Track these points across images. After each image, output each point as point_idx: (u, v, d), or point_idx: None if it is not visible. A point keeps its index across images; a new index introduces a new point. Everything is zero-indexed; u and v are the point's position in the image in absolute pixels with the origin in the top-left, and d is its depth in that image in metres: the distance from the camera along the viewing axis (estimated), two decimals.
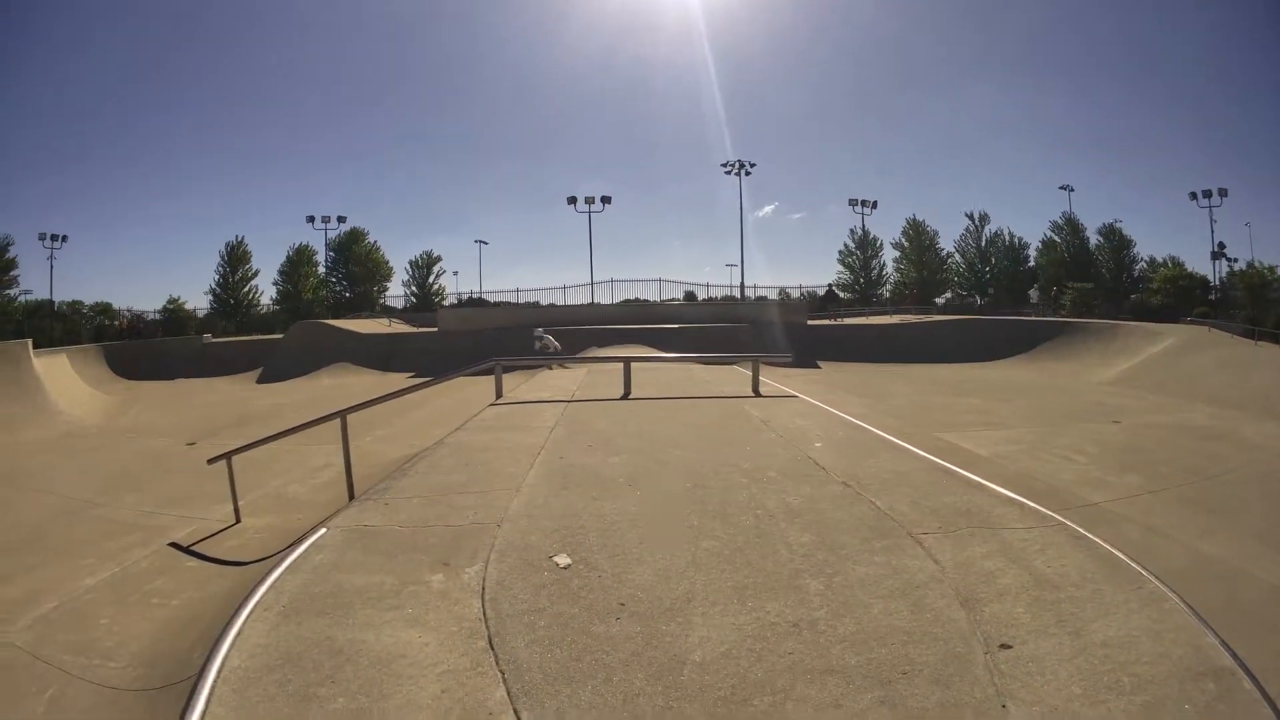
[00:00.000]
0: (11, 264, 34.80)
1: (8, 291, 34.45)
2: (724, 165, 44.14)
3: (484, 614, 2.38)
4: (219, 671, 2.18)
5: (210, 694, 2.07)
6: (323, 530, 3.27)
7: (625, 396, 8.09)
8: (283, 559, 2.92)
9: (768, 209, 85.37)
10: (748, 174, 43.74)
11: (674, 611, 2.36)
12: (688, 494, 3.81)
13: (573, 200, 43.70)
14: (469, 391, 12.45)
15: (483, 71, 79.02)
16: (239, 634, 2.36)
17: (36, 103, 59.37)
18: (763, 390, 8.57)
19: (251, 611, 2.50)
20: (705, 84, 75.30)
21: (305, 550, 3.01)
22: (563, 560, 2.84)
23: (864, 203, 46.46)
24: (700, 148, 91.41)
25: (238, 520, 6.92)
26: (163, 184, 68.98)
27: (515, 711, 1.84)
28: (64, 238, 37.38)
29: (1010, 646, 2.17)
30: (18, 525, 7.62)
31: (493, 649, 2.16)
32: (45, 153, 64.05)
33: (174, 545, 6.55)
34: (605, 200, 43.63)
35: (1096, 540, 2.99)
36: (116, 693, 3.88)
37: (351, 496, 6.82)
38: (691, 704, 1.86)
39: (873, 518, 3.22)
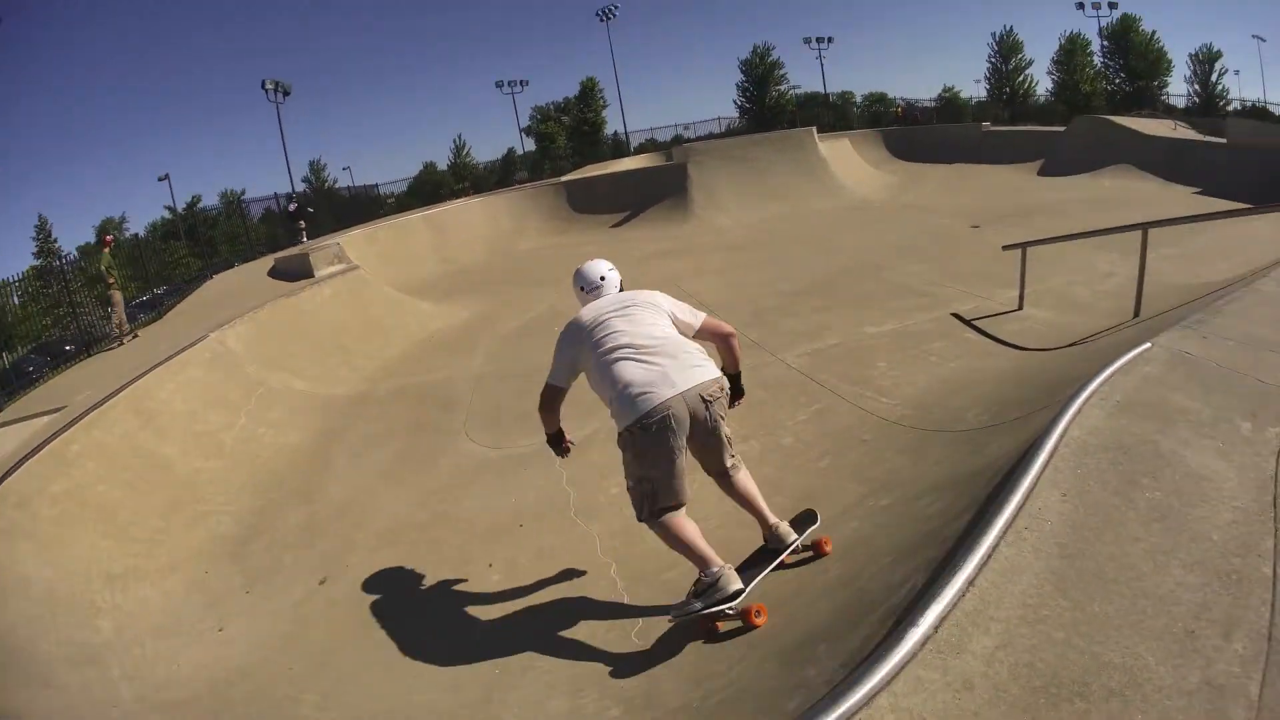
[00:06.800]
0: (778, 64, 41.08)
1: (778, 88, 41.33)
2: None
3: (1276, 474, 2.37)
4: (1060, 437, 2.57)
5: (1053, 451, 2.49)
6: (1147, 345, 3.36)
7: None
8: (1111, 361, 3.17)
9: None
10: None
11: None
12: None
13: None
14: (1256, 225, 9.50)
15: None
16: (1078, 413, 2.72)
17: None
18: None
19: (1089, 398, 2.82)
20: None
21: (1132, 359, 3.20)
22: None
23: None
24: None
25: (1020, 307, 7.22)
26: None
27: (1275, 565, 1.93)
28: (829, 39, 41.46)
29: None
30: (816, 279, 9.77)
31: (1275, 506, 2.23)
32: None
33: (955, 315, 7.17)
34: None
35: None
36: (884, 424, 4.83)
37: (1137, 314, 6.34)
38: None
39: None
